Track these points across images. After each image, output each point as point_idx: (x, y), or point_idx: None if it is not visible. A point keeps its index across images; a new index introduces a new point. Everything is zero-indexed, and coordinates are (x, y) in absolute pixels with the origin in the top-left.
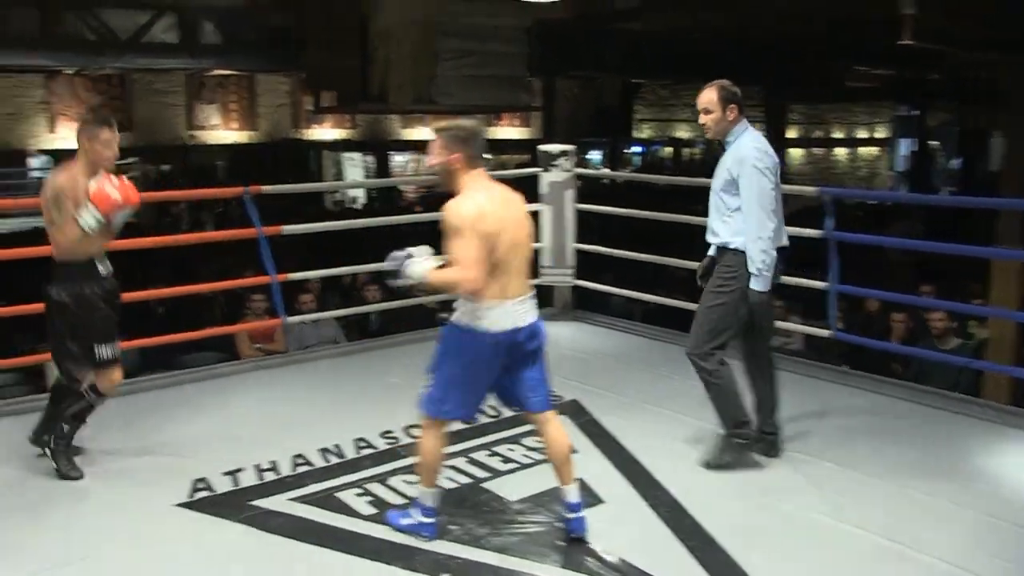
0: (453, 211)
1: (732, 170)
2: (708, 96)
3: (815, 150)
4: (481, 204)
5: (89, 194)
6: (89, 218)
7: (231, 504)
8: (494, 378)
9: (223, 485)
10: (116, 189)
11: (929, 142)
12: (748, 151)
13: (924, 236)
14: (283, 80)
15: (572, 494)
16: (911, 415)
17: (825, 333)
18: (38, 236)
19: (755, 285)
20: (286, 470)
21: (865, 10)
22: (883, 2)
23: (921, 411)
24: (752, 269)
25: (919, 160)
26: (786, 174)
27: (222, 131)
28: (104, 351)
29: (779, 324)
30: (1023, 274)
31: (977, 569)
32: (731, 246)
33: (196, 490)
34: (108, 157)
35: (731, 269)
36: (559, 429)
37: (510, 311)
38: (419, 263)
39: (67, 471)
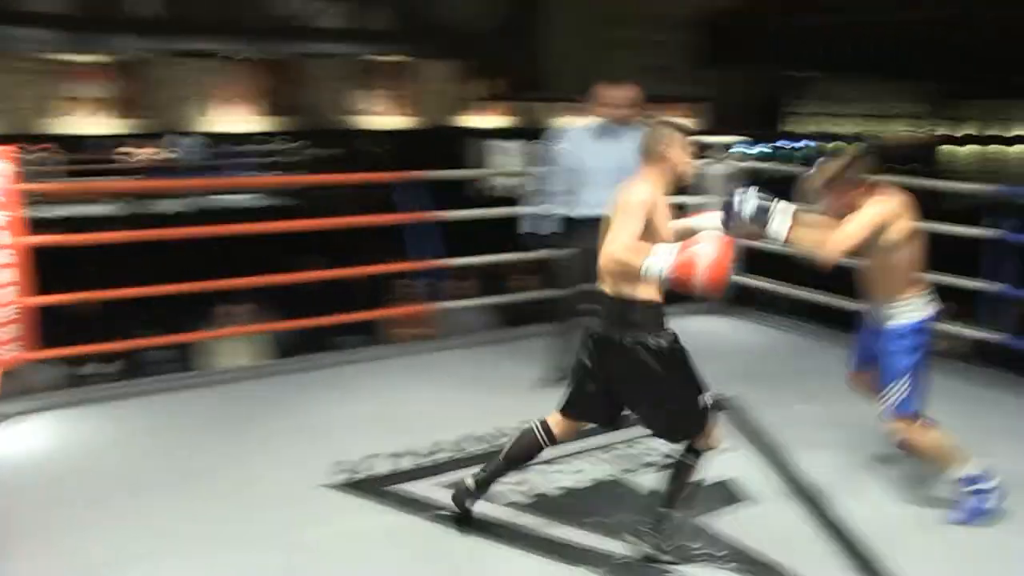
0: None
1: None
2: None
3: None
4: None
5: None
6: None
7: (376, 487)
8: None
9: (369, 468)
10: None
11: None
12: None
13: None
14: (449, 68)
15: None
16: None
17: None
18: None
19: None
20: (433, 456)
21: None
22: None
23: None
24: None
25: None
26: (958, 171)
27: (386, 117)
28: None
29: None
30: None
31: None
32: None
33: (340, 471)
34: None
35: None
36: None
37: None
38: (779, 217)
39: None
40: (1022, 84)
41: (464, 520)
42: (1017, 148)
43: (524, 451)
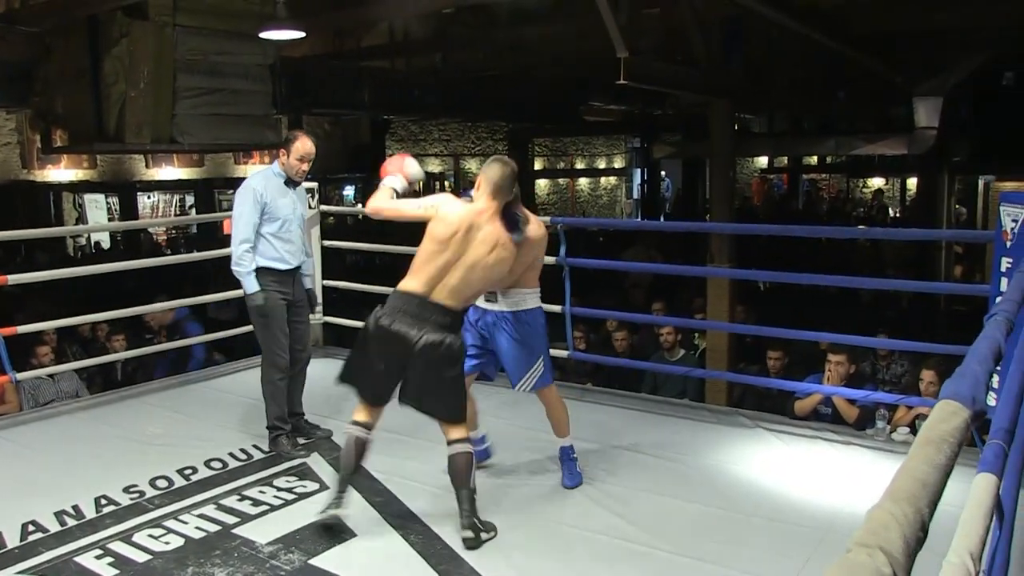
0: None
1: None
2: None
3: (560, 181)
4: None
5: None
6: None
7: None
8: None
9: None
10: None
11: (660, 172)
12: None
13: (660, 258)
14: (8, 117)
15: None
16: (643, 423)
17: (564, 354)
18: None
19: None
20: (13, 541)
21: (599, 51)
22: (611, 45)
23: (652, 419)
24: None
25: (649, 189)
26: (534, 204)
27: None
28: None
29: None
30: (732, 289)
31: (710, 557)
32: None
33: None
34: None
35: None
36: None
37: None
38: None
39: None
40: (577, 124)
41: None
42: (583, 180)
43: (352, 454)
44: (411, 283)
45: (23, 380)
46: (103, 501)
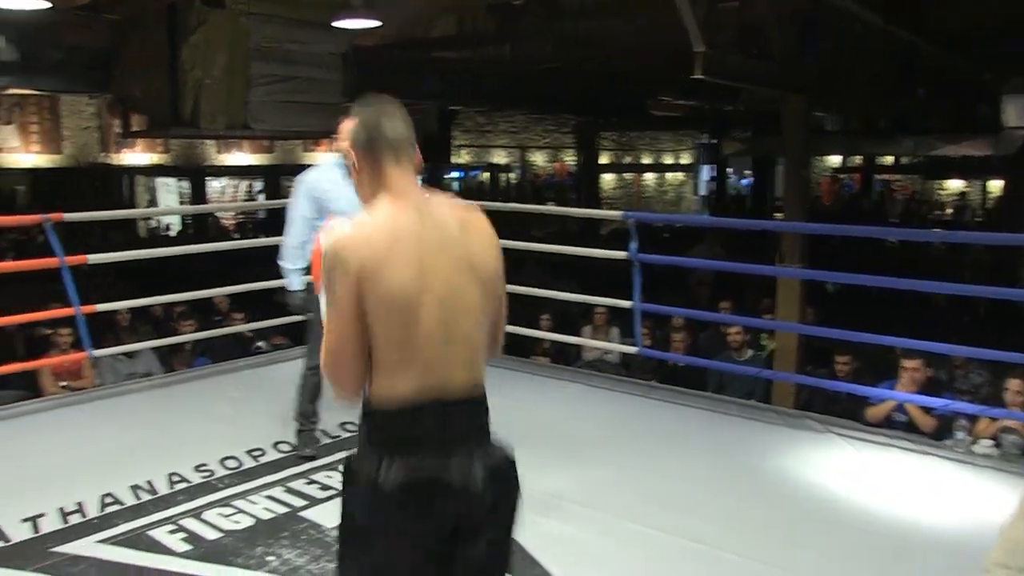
0: None
1: None
2: None
3: (625, 176)
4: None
5: None
6: None
7: (29, 553)
8: None
9: (21, 533)
10: None
11: (726, 169)
12: None
13: (726, 256)
14: (90, 103)
15: None
16: (710, 424)
17: (632, 350)
18: None
19: None
20: (93, 511)
21: (669, 44)
22: (683, 39)
23: (719, 419)
24: None
25: (718, 186)
26: (599, 199)
27: (22, 154)
28: None
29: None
30: (803, 289)
31: (779, 561)
32: None
33: None
34: None
35: None
36: None
37: None
38: None
39: None
40: (645, 119)
41: None
42: (649, 175)
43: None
44: (400, 385)
45: (102, 357)
46: (175, 478)
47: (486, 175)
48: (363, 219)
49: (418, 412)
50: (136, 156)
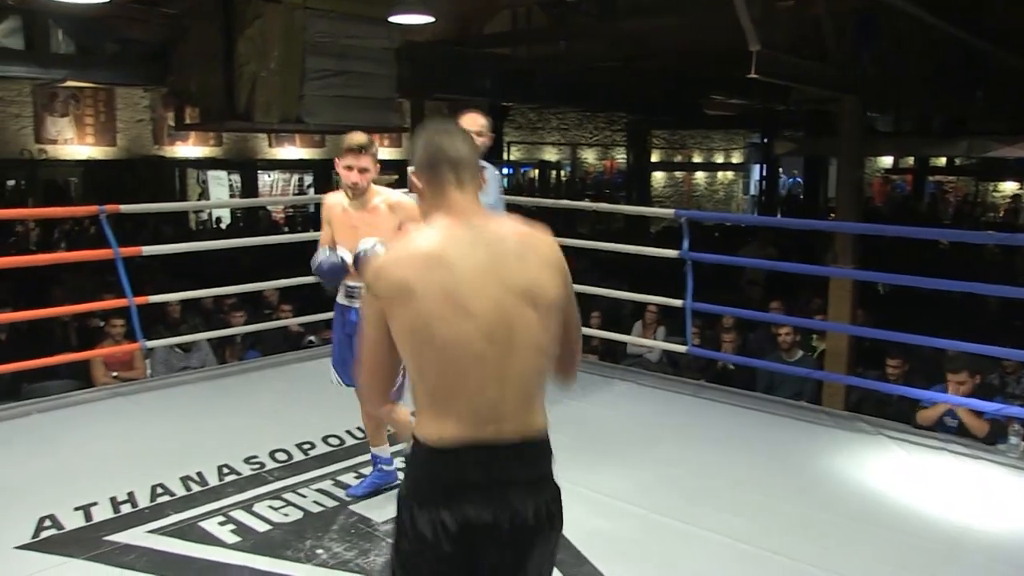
0: None
1: None
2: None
3: (676, 174)
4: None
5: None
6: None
7: (82, 541)
8: None
9: (73, 521)
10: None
11: (777, 168)
12: None
13: (778, 256)
14: (144, 95)
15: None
16: (760, 424)
17: (682, 349)
18: None
19: None
20: (144, 501)
21: (722, 44)
22: (737, 38)
23: (768, 419)
24: None
25: (768, 185)
26: (650, 197)
27: (76, 146)
28: None
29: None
30: (855, 291)
31: (826, 563)
32: None
33: (42, 528)
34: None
35: None
36: None
37: None
38: None
39: None
40: (696, 117)
41: None
42: (699, 174)
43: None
44: (441, 424)
45: (155, 349)
46: (225, 470)
47: (536, 172)
48: (404, 240)
49: (461, 455)
50: (188, 149)
